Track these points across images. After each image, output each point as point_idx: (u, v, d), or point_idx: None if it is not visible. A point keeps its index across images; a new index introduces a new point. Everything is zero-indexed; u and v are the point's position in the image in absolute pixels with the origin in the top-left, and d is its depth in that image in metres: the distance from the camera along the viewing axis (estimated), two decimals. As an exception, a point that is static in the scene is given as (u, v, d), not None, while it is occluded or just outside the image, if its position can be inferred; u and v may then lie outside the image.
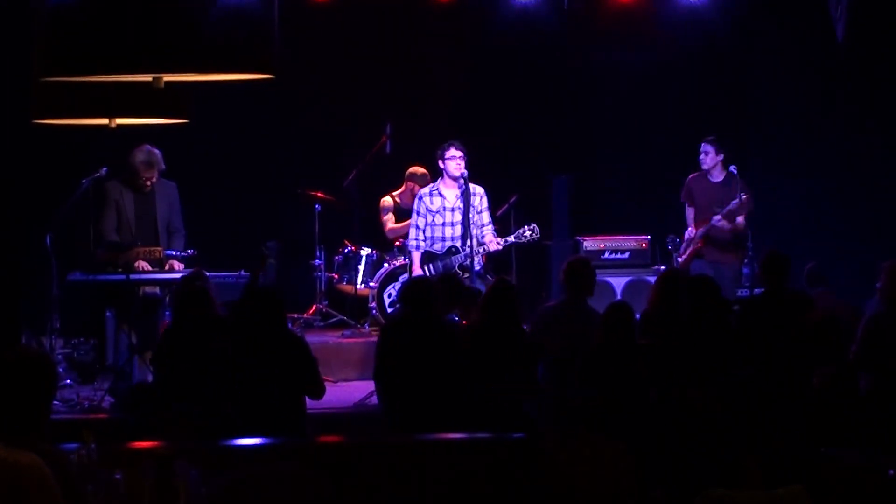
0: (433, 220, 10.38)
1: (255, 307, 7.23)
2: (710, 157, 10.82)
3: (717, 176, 10.84)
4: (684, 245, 10.95)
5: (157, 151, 9.57)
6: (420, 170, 11.39)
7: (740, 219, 10.68)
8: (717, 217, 10.62)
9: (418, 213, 10.43)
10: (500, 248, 10.43)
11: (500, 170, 11.94)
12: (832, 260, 10.86)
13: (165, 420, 7.26)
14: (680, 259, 10.88)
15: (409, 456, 6.02)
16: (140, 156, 9.52)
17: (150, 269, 9.38)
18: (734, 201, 10.53)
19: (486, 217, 10.42)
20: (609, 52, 12.48)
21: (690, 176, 10.98)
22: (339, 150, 12.15)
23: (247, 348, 7.17)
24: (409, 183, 11.47)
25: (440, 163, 10.36)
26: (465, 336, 7.77)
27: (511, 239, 10.42)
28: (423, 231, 10.39)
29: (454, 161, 10.25)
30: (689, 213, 11.00)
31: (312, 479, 4.63)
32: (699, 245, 10.78)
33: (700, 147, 10.86)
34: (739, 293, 10.75)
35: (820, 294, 8.89)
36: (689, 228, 10.96)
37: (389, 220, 11.48)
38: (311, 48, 11.89)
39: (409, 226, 10.61)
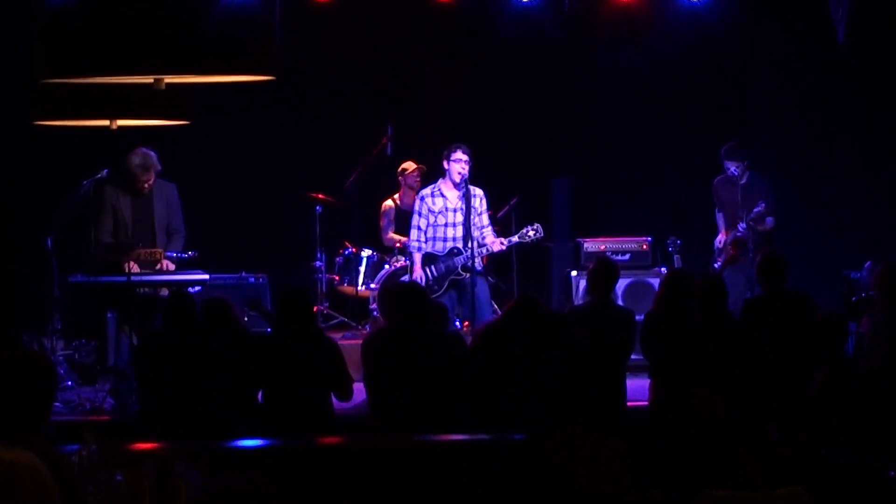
0: (435, 221, 10.37)
1: (286, 306, 7.30)
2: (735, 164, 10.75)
3: (743, 179, 10.76)
4: (717, 252, 10.89)
5: (152, 154, 9.55)
6: (403, 166, 11.41)
7: (769, 220, 10.62)
8: (743, 225, 10.57)
9: (420, 214, 10.41)
10: (504, 248, 10.42)
11: (501, 171, 11.93)
12: (831, 260, 10.85)
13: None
14: (716, 265, 10.81)
15: (408, 457, 6.03)
16: (136, 159, 9.50)
17: (173, 268, 9.42)
18: (757, 208, 10.48)
19: (485, 219, 10.43)
20: (609, 53, 12.47)
21: (716, 179, 10.91)
22: (339, 152, 12.14)
23: (278, 347, 7.23)
24: (399, 179, 11.49)
25: (445, 163, 10.35)
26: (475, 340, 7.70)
27: (515, 239, 10.41)
28: (425, 232, 10.38)
29: (459, 164, 10.24)
30: (719, 217, 10.96)
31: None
32: (731, 252, 10.73)
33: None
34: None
35: None
36: (720, 234, 10.92)
37: (390, 229, 11.44)
38: (311, 49, 11.88)
39: (409, 232, 10.58)
